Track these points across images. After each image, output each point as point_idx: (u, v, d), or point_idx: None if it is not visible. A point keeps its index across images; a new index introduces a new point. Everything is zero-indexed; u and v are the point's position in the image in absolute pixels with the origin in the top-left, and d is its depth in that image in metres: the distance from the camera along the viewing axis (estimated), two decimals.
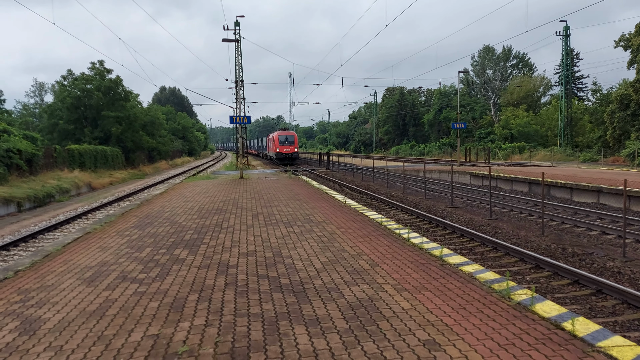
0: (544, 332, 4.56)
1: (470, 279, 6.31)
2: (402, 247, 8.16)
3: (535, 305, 5.25)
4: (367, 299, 5.49)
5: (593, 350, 4.19)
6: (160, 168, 51.88)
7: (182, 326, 4.83)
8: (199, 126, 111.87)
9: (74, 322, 5.06)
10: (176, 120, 79.23)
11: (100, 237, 9.84)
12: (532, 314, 5.03)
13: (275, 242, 8.76)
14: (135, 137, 44.83)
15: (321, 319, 4.90)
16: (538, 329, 4.64)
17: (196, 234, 9.78)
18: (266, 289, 5.96)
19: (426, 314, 5.05)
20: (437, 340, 4.38)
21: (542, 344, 4.31)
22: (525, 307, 5.24)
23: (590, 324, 4.73)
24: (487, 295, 5.65)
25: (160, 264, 7.39)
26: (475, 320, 4.85)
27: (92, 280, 6.61)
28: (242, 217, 11.66)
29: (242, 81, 35.14)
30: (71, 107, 41.18)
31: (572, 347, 4.25)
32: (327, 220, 10.96)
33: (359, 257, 7.44)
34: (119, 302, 5.64)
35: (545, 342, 4.35)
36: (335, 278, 6.36)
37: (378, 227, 9.95)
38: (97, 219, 17.19)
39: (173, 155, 65.60)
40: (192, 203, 14.88)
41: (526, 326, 4.71)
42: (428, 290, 5.81)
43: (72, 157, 32.45)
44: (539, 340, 4.38)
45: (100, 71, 43.41)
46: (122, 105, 43.46)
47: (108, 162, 38.47)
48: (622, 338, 4.41)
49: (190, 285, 6.22)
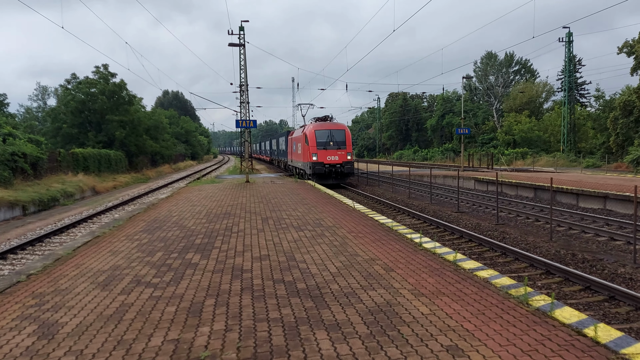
0: (567, 339, 4.53)
1: (486, 284, 6.28)
2: (414, 251, 8.14)
3: (554, 312, 5.22)
4: (386, 304, 5.47)
5: (617, 358, 4.16)
6: (164, 172, 51.91)
7: (202, 331, 4.81)
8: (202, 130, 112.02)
9: (92, 326, 5.05)
10: (179, 124, 79.27)
11: (110, 241, 9.82)
12: (552, 320, 5.01)
13: (287, 246, 8.74)
14: (138, 141, 44.86)
15: (341, 324, 4.88)
16: (560, 335, 4.61)
17: (207, 238, 9.77)
18: (283, 293, 5.95)
19: (446, 319, 5.02)
20: (459, 346, 4.36)
21: (566, 350, 4.29)
22: (544, 313, 5.21)
23: (612, 331, 4.70)
24: (505, 300, 5.63)
25: (173, 269, 7.37)
26: (495, 326, 4.83)
27: (106, 285, 6.60)
28: (251, 221, 11.65)
29: (247, 85, 35.20)
30: (75, 111, 41.22)
31: (596, 354, 4.22)
32: (338, 224, 10.94)
33: (373, 262, 7.42)
34: (136, 307, 5.62)
35: (569, 348, 4.32)
36: (352, 283, 6.34)
37: (389, 232, 9.93)
38: (103, 223, 17.19)
39: (176, 159, 65.61)
40: (200, 207, 14.87)
41: (547, 332, 4.69)
42: (445, 296, 5.79)
43: (76, 160, 32.48)
44: (562, 347, 4.35)
45: (105, 75, 43.48)
46: (126, 109, 43.51)
47: (112, 166, 38.49)
48: None
49: (205, 290, 6.20)
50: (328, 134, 27.41)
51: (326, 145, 27.04)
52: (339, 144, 27.29)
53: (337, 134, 27.64)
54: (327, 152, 26.97)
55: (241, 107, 35.46)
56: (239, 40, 34.50)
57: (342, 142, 27.44)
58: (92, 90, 42.10)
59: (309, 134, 27.70)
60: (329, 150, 27.07)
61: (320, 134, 27.50)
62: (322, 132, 27.56)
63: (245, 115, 35.40)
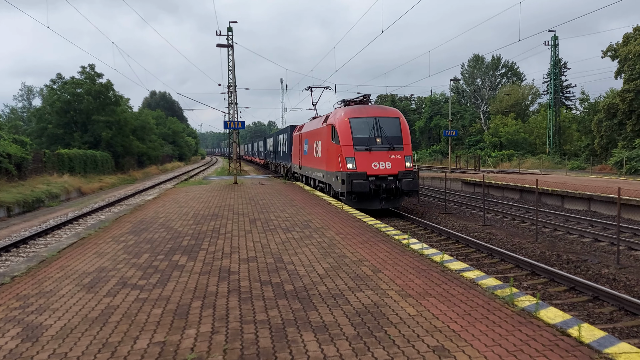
0: (551, 339, 4.58)
1: (472, 285, 6.33)
2: (402, 253, 8.17)
3: (539, 312, 5.27)
4: (373, 305, 5.49)
5: (600, 357, 4.21)
6: (151, 173, 51.53)
7: (189, 333, 4.79)
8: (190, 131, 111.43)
9: (76, 328, 4.99)
10: (166, 124, 78.80)
11: (96, 243, 9.73)
12: (537, 321, 5.06)
13: (275, 248, 8.72)
14: (125, 142, 44.52)
15: (329, 326, 4.88)
16: (545, 335, 4.66)
17: (194, 239, 9.71)
18: (270, 295, 5.94)
19: (432, 320, 5.05)
20: (446, 347, 4.38)
21: (550, 350, 4.33)
22: (529, 313, 5.26)
23: (596, 331, 4.76)
24: (491, 301, 5.68)
25: (159, 270, 7.32)
26: (481, 327, 4.87)
27: (91, 287, 6.53)
28: (239, 223, 11.61)
29: (235, 86, 35.10)
30: (60, 111, 40.81)
31: (580, 354, 4.27)
32: (326, 226, 10.95)
33: (361, 263, 7.44)
34: (121, 309, 5.57)
35: (553, 348, 4.37)
36: (339, 284, 6.35)
37: (377, 233, 9.96)
38: (89, 224, 17.02)
39: (163, 160, 65.19)
40: (187, 209, 14.79)
41: (532, 332, 4.73)
42: (432, 296, 5.82)
43: (62, 161, 32.14)
44: (546, 347, 4.40)
45: (91, 75, 43.11)
46: (113, 110, 43.18)
47: (98, 167, 38.14)
48: (629, 345, 4.44)
49: (192, 292, 6.16)
50: (372, 124, 17.03)
51: (370, 144, 16.70)
52: (392, 142, 16.89)
53: (387, 125, 17.17)
54: (371, 155, 16.60)
55: (229, 108, 35.36)
56: (227, 41, 34.40)
57: (395, 138, 17.05)
58: (78, 90, 41.73)
59: (339, 125, 17.23)
60: (376, 151, 16.70)
61: (359, 124, 17.04)
62: (362, 121, 17.09)
63: (233, 117, 35.29)
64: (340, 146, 16.79)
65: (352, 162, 16.45)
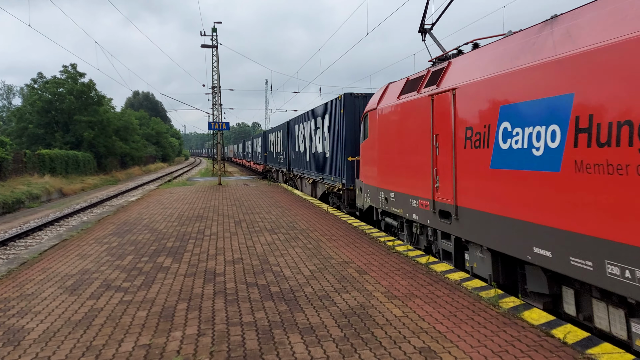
0: (535, 339, 4.64)
1: (457, 286, 6.38)
2: (387, 254, 8.20)
3: (523, 313, 5.34)
4: (359, 307, 5.50)
5: (584, 357, 4.27)
6: (134, 174, 51.00)
7: (174, 335, 4.74)
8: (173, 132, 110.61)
9: (59, 332, 4.92)
10: (150, 125, 78.11)
11: (79, 245, 9.60)
12: (521, 321, 5.11)
13: (261, 249, 8.70)
14: (107, 143, 44.02)
15: (315, 327, 4.88)
16: (529, 336, 4.71)
17: (178, 241, 9.64)
18: (256, 297, 5.91)
19: (418, 321, 5.08)
20: (432, 348, 4.41)
21: (535, 350, 4.38)
22: (514, 314, 5.32)
23: (579, 332, 4.83)
24: (476, 302, 5.73)
25: (144, 272, 7.25)
26: (467, 328, 4.91)
27: (74, 289, 6.44)
28: (224, 225, 11.55)
29: (220, 87, 34.94)
30: (41, 111, 40.20)
31: (564, 354, 4.33)
32: (311, 227, 10.95)
33: (347, 265, 7.45)
34: (105, 311, 5.50)
35: (537, 349, 4.42)
36: (326, 286, 6.35)
37: (362, 235, 9.98)
38: (71, 225, 16.77)
39: (146, 161, 64.58)
40: (171, 210, 14.67)
41: (517, 333, 4.79)
42: (418, 298, 5.85)
43: (43, 162, 31.65)
44: (531, 347, 4.45)
45: (73, 75, 42.55)
46: (95, 110, 42.67)
47: (80, 168, 37.63)
48: (611, 345, 4.52)
49: (177, 294, 6.11)
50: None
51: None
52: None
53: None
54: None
55: (214, 109, 35.17)
56: (211, 41, 34.23)
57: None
58: (59, 90, 41.17)
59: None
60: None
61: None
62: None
63: (217, 117, 35.12)
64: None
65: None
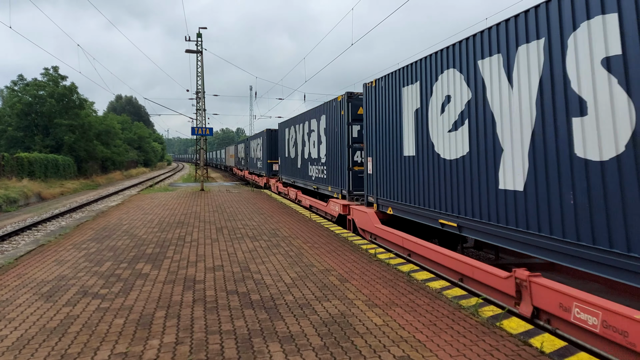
0: (513, 349, 4.67)
1: (438, 295, 6.40)
2: (369, 262, 8.21)
3: (502, 322, 5.37)
4: (340, 315, 5.48)
5: None
6: (115, 179, 50.35)
7: (152, 344, 4.67)
8: (156, 136, 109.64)
9: (34, 339, 4.81)
10: (132, 130, 77.33)
11: (56, 250, 9.42)
12: (500, 331, 5.15)
13: (242, 256, 8.63)
14: (88, 147, 43.45)
15: (295, 336, 4.85)
16: (507, 346, 4.74)
17: (158, 247, 9.52)
18: (236, 305, 5.86)
19: (399, 330, 5.08)
20: (411, 357, 4.41)
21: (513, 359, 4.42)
22: (493, 323, 5.35)
23: (556, 341, 4.88)
24: (456, 311, 5.75)
25: (122, 279, 7.14)
26: (446, 337, 4.92)
27: (50, 295, 6.32)
28: (205, 231, 11.45)
29: (204, 92, 34.81)
30: (21, 114, 39.51)
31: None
32: (294, 234, 10.91)
33: (328, 273, 7.43)
34: (82, 319, 5.40)
35: (516, 358, 4.45)
36: (306, 294, 6.32)
37: (344, 242, 9.98)
38: (49, 230, 16.47)
39: (128, 166, 63.83)
40: (152, 216, 14.50)
41: (496, 342, 4.82)
42: (398, 306, 5.86)
43: (21, 165, 31.08)
44: (509, 357, 4.47)
45: (54, 77, 41.95)
46: (76, 113, 42.09)
47: (59, 172, 37.04)
48: (587, 355, 4.57)
49: (156, 301, 6.03)
50: None
51: None
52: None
53: None
54: None
55: (197, 114, 34.99)
56: (196, 47, 34.12)
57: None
58: (40, 92, 40.52)
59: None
60: None
61: None
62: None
63: (201, 123, 34.95)
64: None
65: None
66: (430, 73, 8.67)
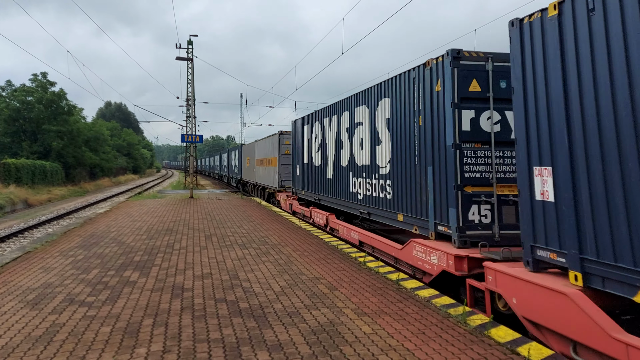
0: (501, 357, 4.69)
1: (427, 303, 6.42)
2: (358, 270, 8.21)
3: (490, 331, 5.40)
4: (329, 324, 5.47)
5: None
6: (103, 185, 49.92)
7: (139, 352, 4.63)
8: (145, 143, 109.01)
9: (18, 347, 4.75)
10: (121, 136, 76.82)
11: (42, 257, 9.32)
12: (488, 339, 5.17)
13: (231, 264, 8.60)
14: (77, 153, 43.09)
15: (284, 344, 4.83)
16: (495, 354, 4.76)
17: (146, 255, 9.46)
18: (225, 313, 5.83)
19: (387, 338, 5.08)
20: None
21: None
22: (481, 332, 5.37)
23: (544, 349, 4.91)
24: (444, 320, 5.77)
25: (109, 287, 7.08)
26: (435, 345, 4.93)
27: (36, 303, 6.24)
28: (194, 239, 11.39)
29: (194, 100, 34.74)
30: (9, 119, 39.13)
31: None
32: (283, 242, 10.89)
33: (317, 281, 7.43)
34: (68, 327, 5.34)
35: None
36: (295, 302, 6.31)
37: (334, 250, 9.98)
38: (35, 237, 16.27)
39: (117, 173, 63.34)
40: (140, 223, 14.40)
41: (484, 351, 4.83)
42: (387, 315, 5.86)
43: (8, 171, 30.74)
44: None
45: (43, 83, 41.63)
46: (65, 120, 41.76)
47: (47, 178, 36.66)
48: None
49: (144, 309, 5.98)
50: None
51: None
52: None
53: None
54: None
55: (187, 121, 34.91)
56: (187, 54, 34.10)
57: None
58: (28, 98, 40.17)
59: None
60: None
61: None
62: None
63: (191, 130, 34.85)
64: None
65: None
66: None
